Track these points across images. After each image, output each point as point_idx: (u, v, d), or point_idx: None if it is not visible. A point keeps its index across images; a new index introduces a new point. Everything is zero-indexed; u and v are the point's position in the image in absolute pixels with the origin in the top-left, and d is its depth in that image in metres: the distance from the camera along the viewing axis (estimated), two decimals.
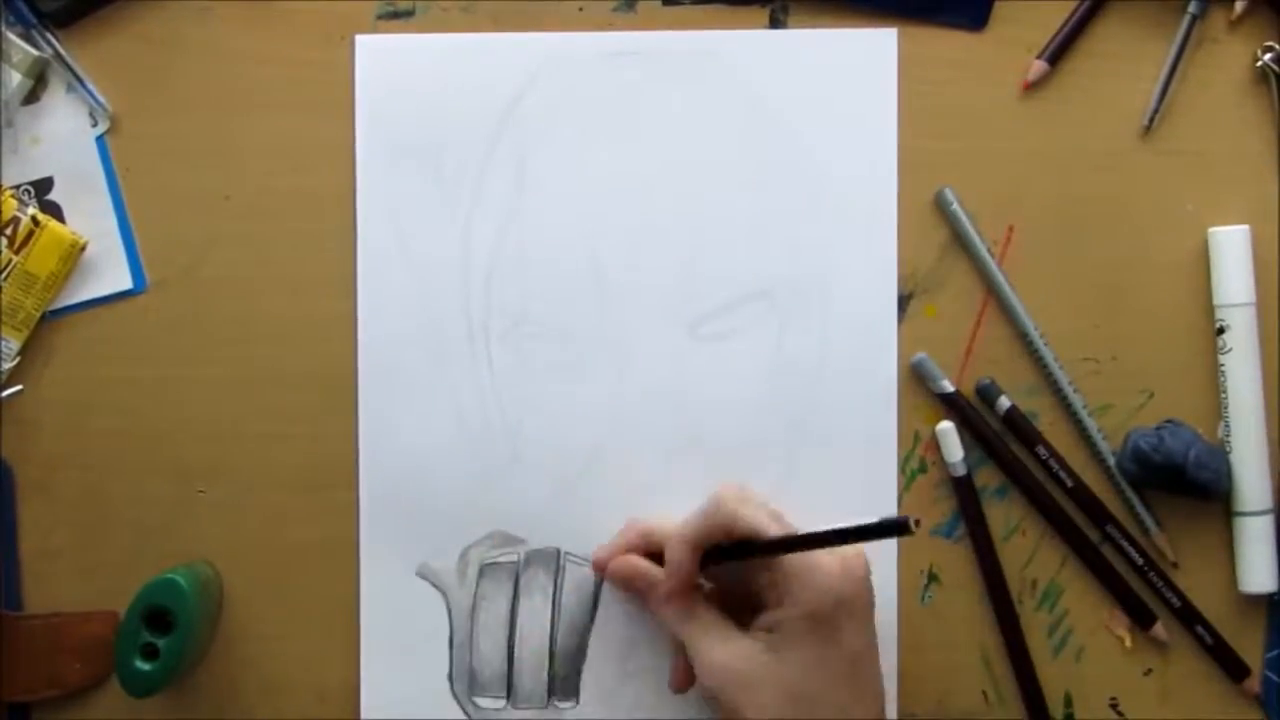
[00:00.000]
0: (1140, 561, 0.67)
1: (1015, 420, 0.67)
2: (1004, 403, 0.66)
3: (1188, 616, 0.67)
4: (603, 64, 0.67)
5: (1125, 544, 0.67)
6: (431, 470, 0.67)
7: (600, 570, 0.66)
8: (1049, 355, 0.66)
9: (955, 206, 0.66)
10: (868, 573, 0.60)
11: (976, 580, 0.67)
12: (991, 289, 0.67)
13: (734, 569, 0.62)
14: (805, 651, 0.59)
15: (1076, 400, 0.66)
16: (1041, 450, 0.67)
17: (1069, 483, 0.66)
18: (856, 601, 0.59)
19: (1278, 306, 0.67)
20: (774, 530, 0.60)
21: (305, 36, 0.67)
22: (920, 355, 0.66)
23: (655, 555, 0.64)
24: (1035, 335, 0.66)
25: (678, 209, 0.67)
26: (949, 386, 0.66)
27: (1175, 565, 0.67)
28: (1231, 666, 0.67)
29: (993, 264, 0.67)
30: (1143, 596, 0.67)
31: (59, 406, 0.68)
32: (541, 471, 0.67)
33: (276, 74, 0.67)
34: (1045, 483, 0.67)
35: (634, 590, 0.64)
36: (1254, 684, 0.67)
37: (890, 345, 0.67)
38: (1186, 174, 0.67)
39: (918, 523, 0.54)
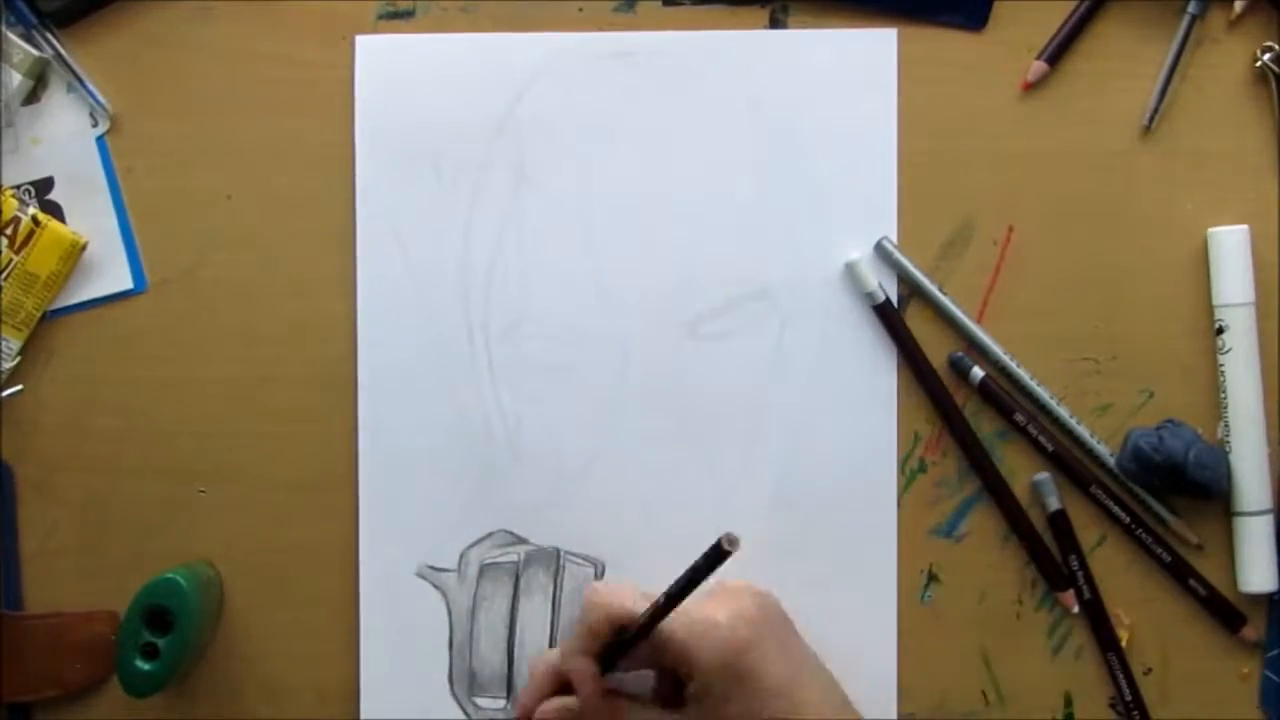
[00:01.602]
0: (1144, 536, 0.67)
1: (990, 390, 0.67)
2: (976, 373, 0.66)
3: (1181, 570, 0.67)
4: (603, 64, 0.67)
5: (1113, 505, 0.67)
6: (431, 470, 0.67)
7: None
8: (1024, 376, 0.67)
9: (897, 255, 0.67)
10: (758, 601, 0.61)
11: (977, 580, 0.67)
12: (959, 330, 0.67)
13: (646, 662, 0.62)
14: (729, 702, 0.59)
15: (1062, 411, 0.67)
16: (1020, 416, 0.67)
17: (1050, 447, 0.67)
18: (757, 636, 0.60)
19: (1278, 306, 0.67)
20: (642, 606, 0.59)
21: (305, 36, 0.67)
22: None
23: (570, 687, 0.62)
24: (1014, 367, 0.67)
25: (677, 209, 0.67)
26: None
27: (1200, 548, 0.67)
28: (1230, 617, 0.67)
29: (955, 309, 0.67)
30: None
31: (59, 406, 0.68)
32: (541, 471, 0.67)
33: (276, 74, 0.68)
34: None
35: None
36: (1250, 631, 0.66)
37: (890, 345, 0.67)
38: (1186, 174, 0.67)
39: (733, 540, 0.53)
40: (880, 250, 0.67)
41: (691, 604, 0.59)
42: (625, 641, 0.60)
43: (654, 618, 0.59)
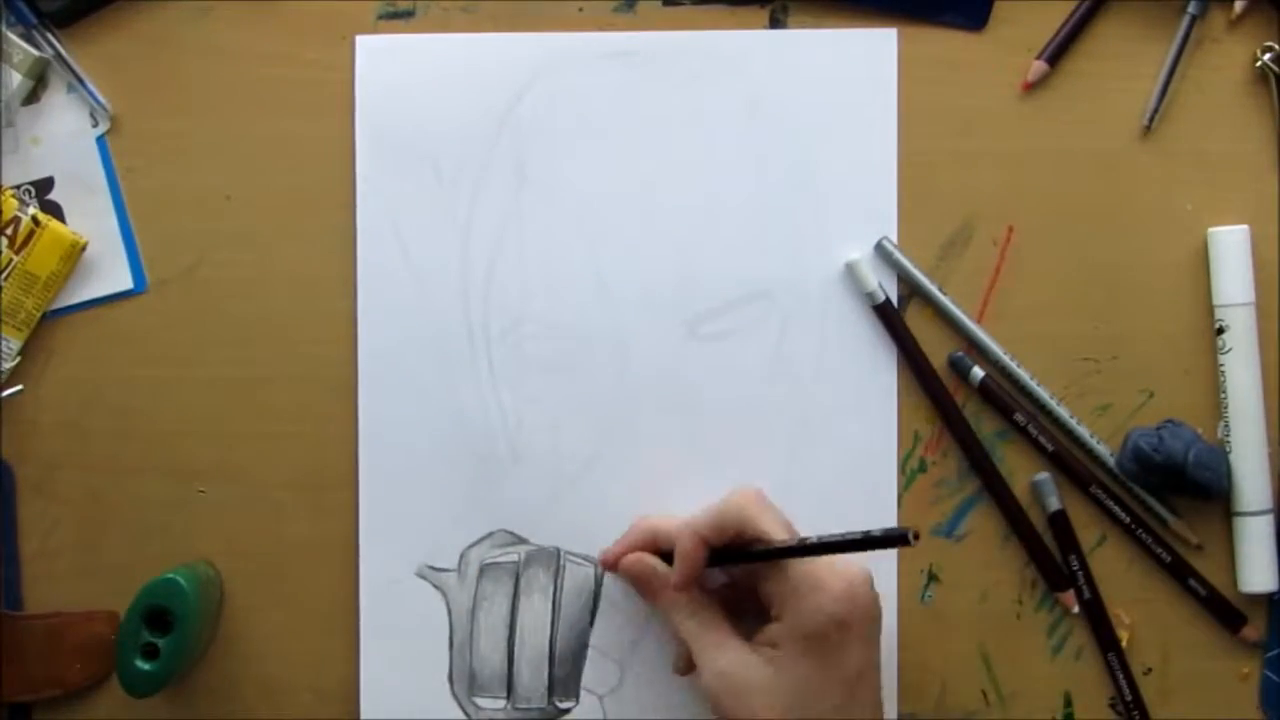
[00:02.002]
0: (1143, 535, 0.67)
1: (990, 390, 0.66)
2: (977, 374, 0.66)
3: (1181, 570, 0.67)
4: (603, 64, 0.67)
5: (1113, 505, 0.67)
6: (431, 470, 0.67)
7: (609, 568, 0.65)
8: (1024, 376, 0.67)
9: (897, 255, 0.67)
10: (872, 593, 0.60)
11: (977, 580, 0.67)
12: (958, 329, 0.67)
13: (742, 575, 0.63)
14: (803, 669, 0.59)
15: (1062, 411, 0.67)
16: (1020, 417, 0.67)
17: (1050, 447, 0.67)
18: (859, 624, 0.59)
19: (1278, 306, 0.67)
20: (783, 538, 0.60)
21: (305, 36, 0.67)
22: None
23: (662, 555, 0.64)
24: (1014, 367, 0.67)
25: (677, 209, 0.67)
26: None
27: (1200, 548, 0.67)
28: (1230, 617, 0.67)
29: (955, 309, 0.67)
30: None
31: (59, 406, 0.68)
32: (541, 471, 0.67)
33: (276, 74, 0.68)
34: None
35: (643, 587, 0.64)
36: (1251, 631, 0.66)
37: (890, 345, 0.67)
38: (1186, 174, 0.67)
39: (917, 536, 0.54)
40: (880, 250, 0.67)
41: (812, 561, 0.59)
42: (745, 556, 0.60)
43: (788, 552, 0.59)
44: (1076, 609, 0.67)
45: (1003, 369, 0.67)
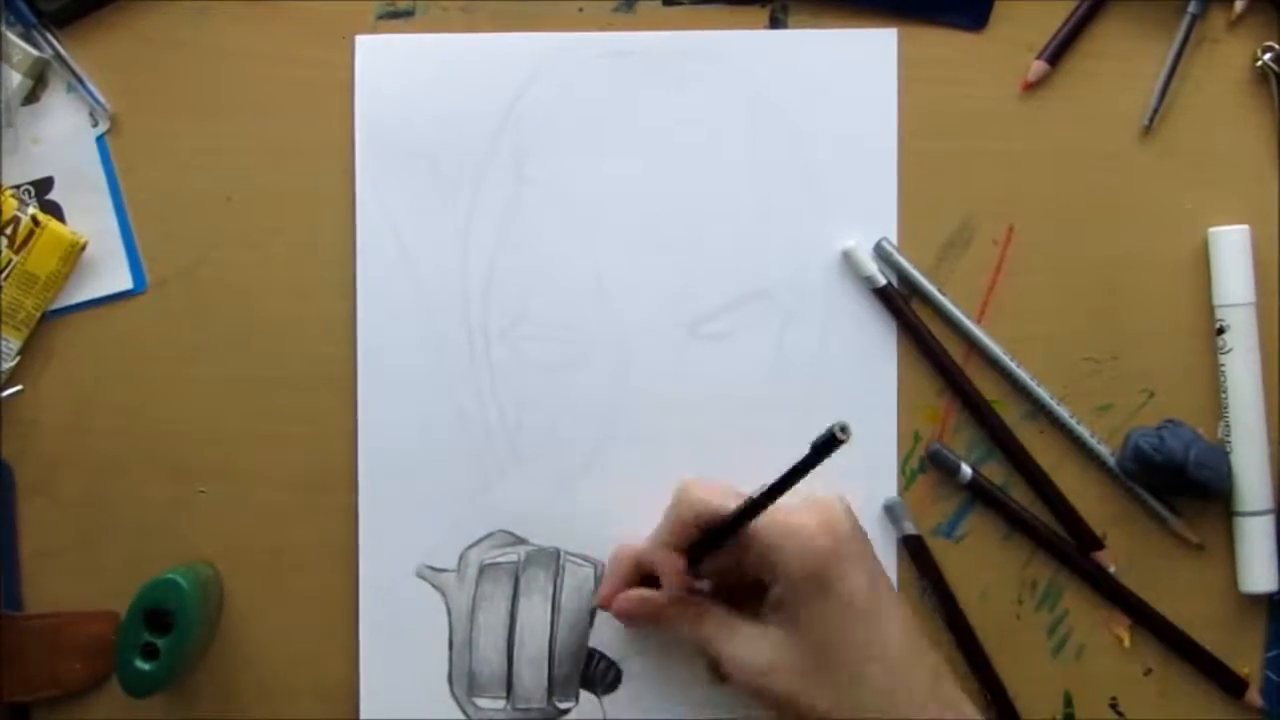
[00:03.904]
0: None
1: (980, 486, 0.67)
2: (966, 472, 0.67)
3: (1180, 641, 0.67)
4: (603, 65, 0.67)
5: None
6: (431, 470, 0.67)
7: (605, 609, 0.65)
8: (1024, 376, 0.67)
9: (896, 256, 0.67)
10: (850, 517, 0.60)
11: (977, 580, 0.67)
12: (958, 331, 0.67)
13: (728, 564, 0.62)
14: (814, 619, 0.58)
15: (1062, 412, 0.67)
16: (1012, 504, 0.67)
17: (1043, 531, 0.67)
18: (847, 550, 0.59)
19: (1278, 306, 0.67)
20: (734, 505, 0.59)
21: (305, 36, 0.67)
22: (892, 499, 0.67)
23: (650, 579, 0.64)
24: (1014, 368, 0.67)
25: (677, 209, 0.67)
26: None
27: (1200, 548, 0.67)
28: (1229, 683, 0.67)
29: (955, 310, 0.67)
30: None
31: (59, 406, 0.68)
32: (541, 471, 0.67)
33: (276, 74, 0.68)
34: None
35: (643, 620, 0.64)
36: (1254, 696, 0.67)
37: (890, 345, 0.67)
38: (1186, 174, 0.67)
39: (844, 429, 0.52)
40: (880, 251, 0.67)
41: (781, 511, 0.58)
42: (713, 538, 0.60)
43: (745, 514, 0.58)
44: (1113, 568, 0.67)
45: (1003, 369, 0.67)
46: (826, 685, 0.58)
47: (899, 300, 0.67)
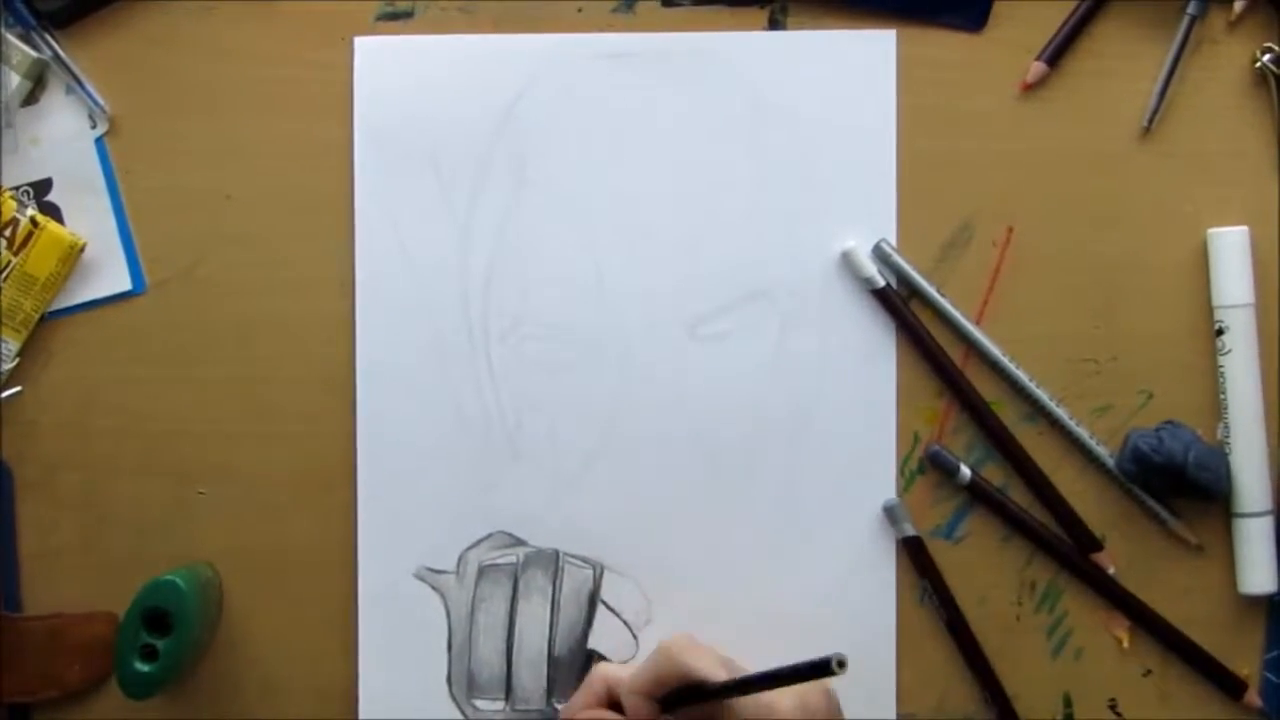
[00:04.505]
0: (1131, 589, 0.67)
1: (979, 487, 0.67)
2: (965, 473, 0.67)
3: (1179, 643, 0.67)
4: (602, 65, 0.67)
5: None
6: (430, 471, 0.67)
7: None
8: (1024, 377, 0.67)
9: (896, 257, 0.67)
10: (829, 700, 0.60)
11: (976, 581, 0.67)
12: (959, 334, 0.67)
13: (699, 716, 0.61)
14: None
15: (1061, 413, 0.67)
16: (1012, 505, 0.67)
17: (1042, 533, 0.67)
18: None
19: (1277, 307, 0.67)
20: (721, 675, 0.58)
21: (305, 36, 0.67)
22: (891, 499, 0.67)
23: (615, 705, 0.62)
24: (1014, 369, 0.67)
25: (677, 209, 0.67)
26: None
27: (1200, 549, 0.67)
28: (1228, 684, 0.67)
29: (955, 311, 0.67)
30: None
31: (59, 406, 0.68)
32: (541, 472, 0.67)
33: (276, 74, 0.67)
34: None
35: None
36: (1253, 697, 0.67)
37: (890, 345, 0.67)
38: (1186, 174, 0.67)
39: (842, 664, 0.51)
40: (879, 252, 0.67)
41: None
42: (689, 699, 0.59)
43: (728, 691, 0.57)
44: (1113, 570, 0.67)
45: (1002, 370, 0.67)
46: None
47: (898, 301, 0.67)
